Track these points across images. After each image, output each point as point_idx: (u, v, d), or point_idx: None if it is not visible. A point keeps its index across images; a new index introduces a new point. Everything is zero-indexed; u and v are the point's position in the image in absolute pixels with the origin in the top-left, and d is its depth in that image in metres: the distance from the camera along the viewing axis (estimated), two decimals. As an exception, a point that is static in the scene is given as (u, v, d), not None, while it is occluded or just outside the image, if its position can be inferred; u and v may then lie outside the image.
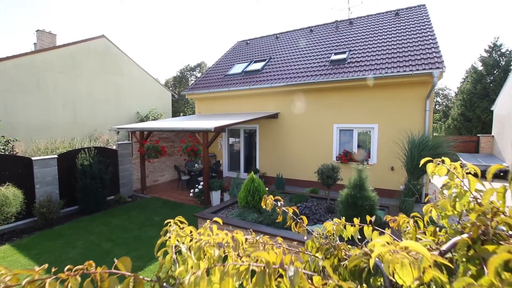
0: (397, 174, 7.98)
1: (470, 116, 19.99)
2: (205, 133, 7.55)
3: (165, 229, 1.32)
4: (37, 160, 6.73)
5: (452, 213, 1.10)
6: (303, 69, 10.14)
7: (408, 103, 8.09)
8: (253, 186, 5.66)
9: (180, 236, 1.04)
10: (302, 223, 1.38)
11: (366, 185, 4.35)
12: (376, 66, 8.54)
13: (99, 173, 7.41)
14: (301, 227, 1.36)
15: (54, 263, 4.73)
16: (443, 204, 1.12)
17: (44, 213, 6.29)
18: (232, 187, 7.48)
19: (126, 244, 5.38)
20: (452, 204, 1.07)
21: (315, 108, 9.61)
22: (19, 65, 12.57)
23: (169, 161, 11.28)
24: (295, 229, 1.40)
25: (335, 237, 1.31)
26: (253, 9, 70.28)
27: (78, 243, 5.47)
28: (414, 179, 5.95)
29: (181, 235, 1.04)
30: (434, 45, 8.33)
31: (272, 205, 1.54)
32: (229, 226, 5.14)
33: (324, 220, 5.49)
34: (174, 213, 7.22)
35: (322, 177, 6.14)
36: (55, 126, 13.74)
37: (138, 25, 68.53)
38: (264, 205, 1.56)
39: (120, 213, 7.30)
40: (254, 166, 11.12)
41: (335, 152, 9.26)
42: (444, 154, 5.82)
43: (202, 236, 1.04)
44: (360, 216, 4.25)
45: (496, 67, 19.79)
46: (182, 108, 31.43)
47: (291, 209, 1.45)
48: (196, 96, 12.59)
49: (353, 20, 12.62)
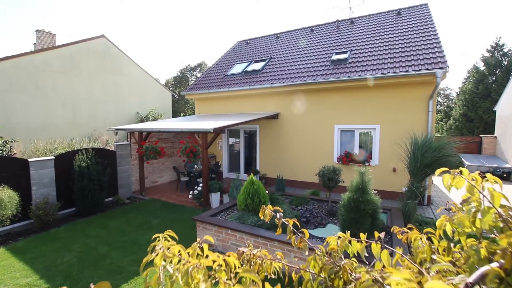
0: (399, 175, 7.87)
1: (472, 117, 19.84)
2: (204, 134, 7.44)
3: (153, 245, 1.20)
4: (33, 162, 6.63)
5: (470, 230, 0.99)
6: (304, 69, 10.03)
7: (411, 104, 7.97)
8: (253, 188, 5.55)
9: (167, 257, 0.93)
10: (303, 237, 1.26)
11: (368, 189, 4.24)
12: (378, 66, 8.42)
13: (97, 174, 7.31)
14: (302, 242, 1.25)
15: (49, 267, 4.63)
16: (461, 220, 1.01)
17: (41, 215, 6.18)
18: (232, 189, 7.36)
19: (123, 248, 5.27)
20: (472, 221, 0.96)
21: (316, 108, 9.49)
22: (18, 65, 12.48)
23: (168, 162, 11.18)
24: (296, 243, 1.28)
25: (339, 253, 1.19)
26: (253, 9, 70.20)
27: (74, 247, 5.36)
28: (417, 182, 5.82)
29: (168, 256, 0.93)
30: (437, 45, 8.20)
31: (270, 216, 1.43)
32: (228, 230, 5.03)
33: (325, 224, 5.38)
34: (173, 215, 7.12)
35: (323, 179, 6.03)
36: (54, 127, 13.65)
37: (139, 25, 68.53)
38: (263, 215, 1.45)
39: (118, 215, 7.19)
40: (254, 167, 11.00)
41: (336, 153, 9.14)
42: (448, 156, 5.69)
43: (191, 258, 0.93)
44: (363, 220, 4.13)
45: (498, 67, 19.63)
46: (183, 108, 31.34)
47: (291, 221, 1.34)
48: (195, 97, 12.49)
49: (355, 19, 12.50)
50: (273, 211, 1.44)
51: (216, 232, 5.19)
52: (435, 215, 7.16)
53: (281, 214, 1.36)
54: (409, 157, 6.03)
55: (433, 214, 7.23)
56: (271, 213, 1.43)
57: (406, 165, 6.11)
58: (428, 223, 6.01)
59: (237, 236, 4.93)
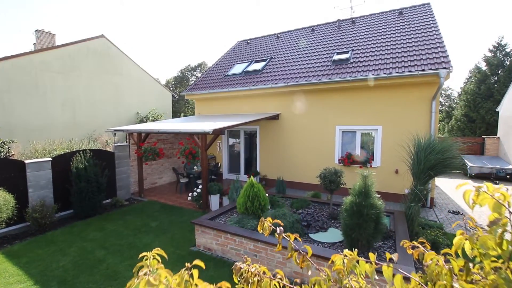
0: (402, 177, 7.74)
1: (474, 117, 19.67)
2: (203, 135, 7.33)
3: (139, 265, 1.09)
4: (30, 163, 6.52)
5: (496, 252, 0.88)
6: (305, 69, 9.91)
7: (413, 105, 7.84)
8: (253, 191, 5.43)
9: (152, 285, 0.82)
10: (306, 255, 1.15)
11: (371, 192, 4.12)
12: (380, 66, 8.29)
13: (95, 176, 7.20)
14: (305, 261, 1.14)
15: (44, 272, 4.53)
16: (484, 241, 0.89)
17: (37, 218, 6.08)
18: (231, 191, 7.25)
19: (120, 252, 5.16)
20: (498, 242, 0.85)
21: (317, 109, 9.37)
22: (17, 65, 12.39)
23: (167, 163, 11.07)
24: (298, 262, 1.17)
25: (346, 273, 1.08)
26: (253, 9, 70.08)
27: (70, 251, 5.26)
28: (420, 184, 5.68)
29: (152, 284, 0.82)
30: (440, 45, 8.07)
31: (270, 231, 1.31)
32: (227, 234, 4.92)
33: (327, 228, 5.26)
34: (171, 218, 7.00)
35: (324, 182, 5.91)
36: (53, 127, 13.56)
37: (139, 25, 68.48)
38: (261, 229, 1.34)
39: (116, 218, 7.08)
40: (254, 168, 10.89)
41: (337, 155, 9.02)
42: (452, 158, 5.56)
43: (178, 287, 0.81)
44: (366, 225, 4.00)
45: (500, 67, 19.46)
46: (183, 109, 31.25)
47: (292, 236, 1.22)
48: (195, 97, 12.38)
49: (356, 19, 12.37)
50: (272, 225, 1.33)
51: (215, 236, 5.08)
52: (438, 218, 7.03)
53: (281, 229, 1.25)
54: (412, 159, 5.90)
55: (436, 217, 7.10)
56: (271, 227, 1.32)
57: (409, 167, 5.98)
58: (432, 226, 5.88)
59: (236, 240, 4.82)
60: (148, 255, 1.15)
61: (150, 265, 1.14)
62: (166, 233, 6.04)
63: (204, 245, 5.24)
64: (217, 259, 4.89)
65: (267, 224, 1.33)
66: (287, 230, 4.87)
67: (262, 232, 1.33)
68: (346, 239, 4.28)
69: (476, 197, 0.85)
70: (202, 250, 5.24)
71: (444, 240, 5.34)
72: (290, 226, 4.94)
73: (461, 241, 1.00)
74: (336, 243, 4.67)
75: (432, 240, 5.13)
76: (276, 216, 5.21)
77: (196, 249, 5.29)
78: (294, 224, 5.05)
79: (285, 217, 5.18)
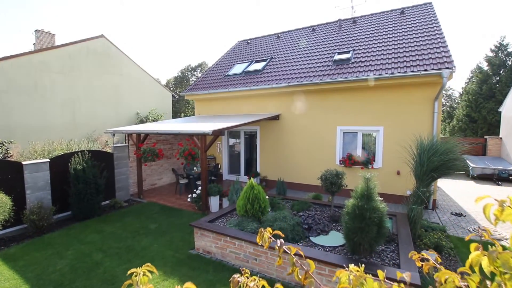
0: (404, 179, 7.65)
1: (476, 117, 19.55)
2: (203, 136, 7.24)
3: (127, 283, 1.01)
4: (28, 165, 6.45)
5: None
6: (306, 69, 9.82)
7: (415, 105, 7.75)
8: (253, 193, 5.34)
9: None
10: (308, 271, 1.06)
11: (374, 195, 4.02)
12: (382, 66, 8.20)
13: (93, 177, 7.12)
14: (307, 278, 1.05)
15: (40, 276, 4.45)
16: (505, 259, 0.81)
17: (35, 220, 6.00)
18: (231, 193, 7.17)
19: (117, 255, 5.08)
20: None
21: (318, 109, 9.28)
22: (16, 65, 12.33)
23: (167, 164, 10.99)
24: (299, 278, 1.08)
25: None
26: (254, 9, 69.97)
27: (67, 254, 5.18)
28: (423, 186, 5.59)
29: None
30: (443, 44, 7.98)
31: (269, 243, 1.23)
32: (226, 237, 4.83)
33: (328, 231, 5.17)
34: (171, 220, 6.92)
35: (325, 183, 5.81)
36: (53, 128, 13.50)
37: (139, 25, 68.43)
38: (261, 241, 1.26)
39: (114, 220, 7.00)
40: (254, 169, 10.81)
41: (338, 156, 8.93)
42: (455, 160, 5.46)
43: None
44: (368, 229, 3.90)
45: (502, 67, 19.34)
46: (183, 109, 31.18)
47: (294, 249, 1.14)
48: (195, 97, 12.30)
49: (357, 19, 12.27)
50: (272, 236, 1.24)
51: (215, 239, 4.99)
52: (441, 220, 6.94)
53: (281, 241, 1.16)
54: (415, 160, 5.80)
55: (439, 219, 7.01)
56: (270, 239, 1.23)
57: (412, 169, 5.89)
58: (435, 229, 5.78)
59: (236, 243, 4.73)
60: (137, 271, 1.06)
61: (140, 282, 1.06)
62: (165, 235, 5.95)
63: (203, 248, 5.16)
64: (216, 262, 4.81)
65: (266, 236, 1.25)
66: (288, 233, 4.78)
67: (261, 243, 1.25)
68: (348, 243, 4.19)
69: (500, 212, 0.76)
70: (201, 253, 5.16)
71: (447, 243, 5.25)
72: (290, 229, 4.85)
73: (479, 257, 0.91)
74: (337, 247, 4.58)
75: (435, 243, 5.04)
76: (277, 219, 5.13)
77: (195, 252, 5.20)
78: (295, 227, 4.96)
79: (285, 219, 5.10)
